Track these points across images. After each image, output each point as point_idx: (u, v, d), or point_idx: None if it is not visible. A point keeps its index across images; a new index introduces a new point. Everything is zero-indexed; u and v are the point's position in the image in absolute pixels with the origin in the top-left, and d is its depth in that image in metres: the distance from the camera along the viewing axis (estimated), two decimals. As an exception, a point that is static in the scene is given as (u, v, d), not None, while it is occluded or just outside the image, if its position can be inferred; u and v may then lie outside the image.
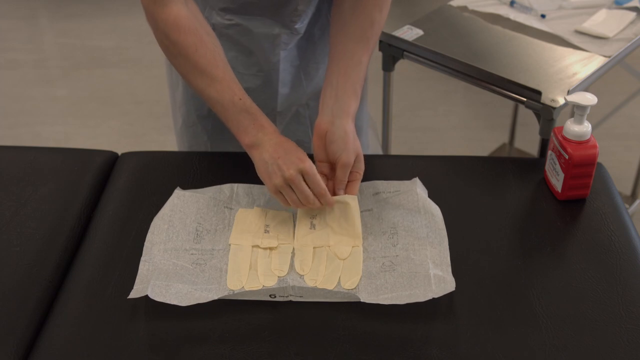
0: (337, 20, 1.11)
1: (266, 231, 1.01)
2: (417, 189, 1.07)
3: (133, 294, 0.92)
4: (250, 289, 0.93)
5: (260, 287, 0.93)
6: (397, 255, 0.97)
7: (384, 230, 1.01)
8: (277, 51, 1.19)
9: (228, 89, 1.01)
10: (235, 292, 0.93)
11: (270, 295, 0.93)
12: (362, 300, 0.91)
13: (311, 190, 0.98)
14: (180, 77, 1.25)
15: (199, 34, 1.01)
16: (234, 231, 1.02)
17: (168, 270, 0.95)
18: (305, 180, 0.98)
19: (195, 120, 1.29)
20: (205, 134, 1.30)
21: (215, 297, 0.92)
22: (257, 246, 0.99)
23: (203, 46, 1.01)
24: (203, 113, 1.27)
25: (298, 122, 1.31)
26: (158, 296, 0.90)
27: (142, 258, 0.97)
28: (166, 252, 0.98)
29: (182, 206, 1.06)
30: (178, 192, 1.08)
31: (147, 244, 1.00)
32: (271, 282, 0.94)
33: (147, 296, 0.90)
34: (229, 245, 1.00)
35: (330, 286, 0.93)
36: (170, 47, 1.02)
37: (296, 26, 1.18)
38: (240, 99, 1.01)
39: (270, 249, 0.99)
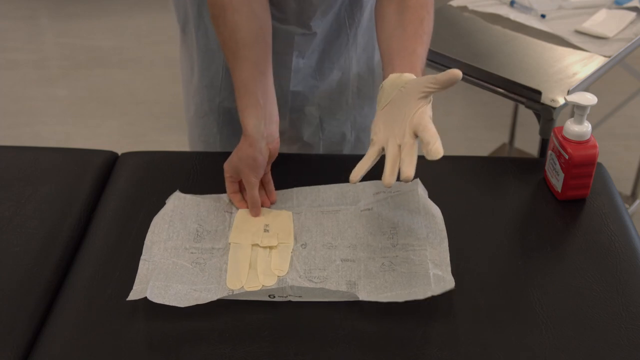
0: (384, 29, 1.06)
1: (266, 230, 1.01)
2: (418, 189, 1.07)
3: (132, 296, 0.91)
4: (250, 289, 0.93)
5: (260, 287, 0.93)
6: (396, 256, 0.97)
7: (383, 231, 1.01)
8: (290, 50, 1.18)
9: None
10: (235, 292, 0.93)
11: (269, 296, 0.93)
12: (361, 299, 0.91)
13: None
14: (196, 66, 1.25)
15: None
16: (234, 231, 1.02)
17: (167, 270, 0.95)
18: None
19: (207, 110, 1.29)
20: (215, 126, 1.30)
21: (215, 298, 0.92)
22: (257, 245, 0.99)
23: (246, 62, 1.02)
24: (215, 104, 1.27)
25: (308, 122, 1.31)
26: (157, 297, 0.90)
27: (142, 257, 0.97)
28: (166, 251, 0.98)
29: (182, 207, 1.05)
30: (178, 194, 1.08)
31: (147, 242, 1.00)
32: (271, 282, 0.93)
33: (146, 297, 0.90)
34: (229, 244, 1.00)
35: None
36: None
37: (311, 23, 1.16)
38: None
39: (270, 247, 0.99)
